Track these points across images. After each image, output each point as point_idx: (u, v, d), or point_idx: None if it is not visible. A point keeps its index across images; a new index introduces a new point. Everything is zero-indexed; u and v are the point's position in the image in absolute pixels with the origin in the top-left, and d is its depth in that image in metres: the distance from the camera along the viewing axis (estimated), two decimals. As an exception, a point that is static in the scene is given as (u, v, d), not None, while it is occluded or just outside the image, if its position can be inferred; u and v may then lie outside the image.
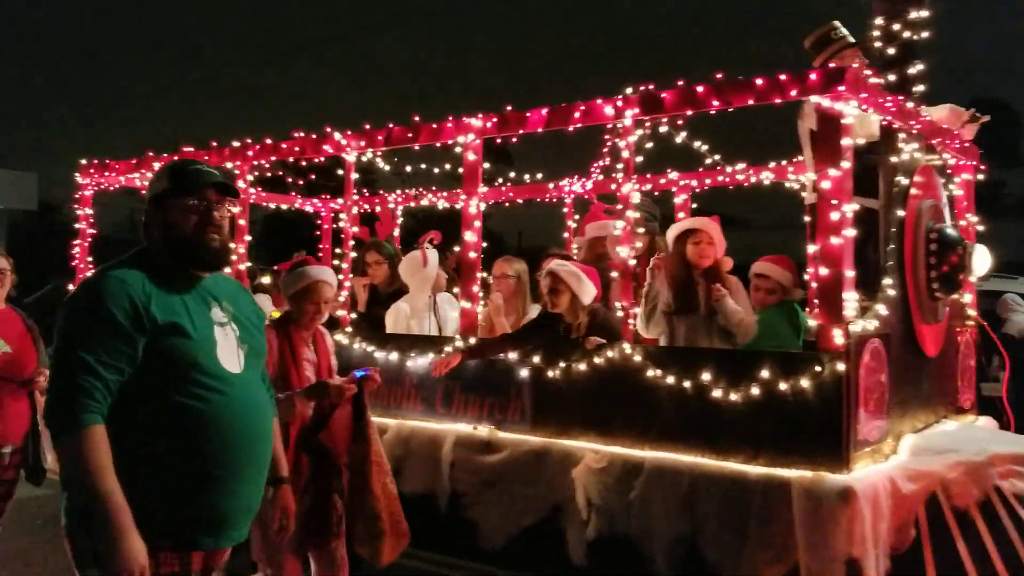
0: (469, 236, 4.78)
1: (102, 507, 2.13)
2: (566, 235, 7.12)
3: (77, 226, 6.66)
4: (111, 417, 2.23)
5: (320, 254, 8.45)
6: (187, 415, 2.30)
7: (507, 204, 7.62)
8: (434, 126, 4.88)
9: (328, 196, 8.85)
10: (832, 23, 5.14)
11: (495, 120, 4.65)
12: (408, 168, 5.89)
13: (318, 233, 8.58)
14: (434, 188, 7.60)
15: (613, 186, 6.45)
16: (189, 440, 2.31)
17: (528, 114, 4.52)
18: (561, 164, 7.04)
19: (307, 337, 4.03)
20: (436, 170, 5.86)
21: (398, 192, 7.62)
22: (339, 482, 3.91)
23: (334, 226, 8.48)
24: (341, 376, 4.07)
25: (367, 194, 8.32)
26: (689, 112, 4.13)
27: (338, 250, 5.62)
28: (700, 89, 3.99)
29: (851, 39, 5.06)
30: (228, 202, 2.50)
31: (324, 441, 3.85)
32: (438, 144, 4.94)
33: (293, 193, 8.36)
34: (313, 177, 6.43)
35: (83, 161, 6.64)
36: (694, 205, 6.51)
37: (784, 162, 6.03)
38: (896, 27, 4.58)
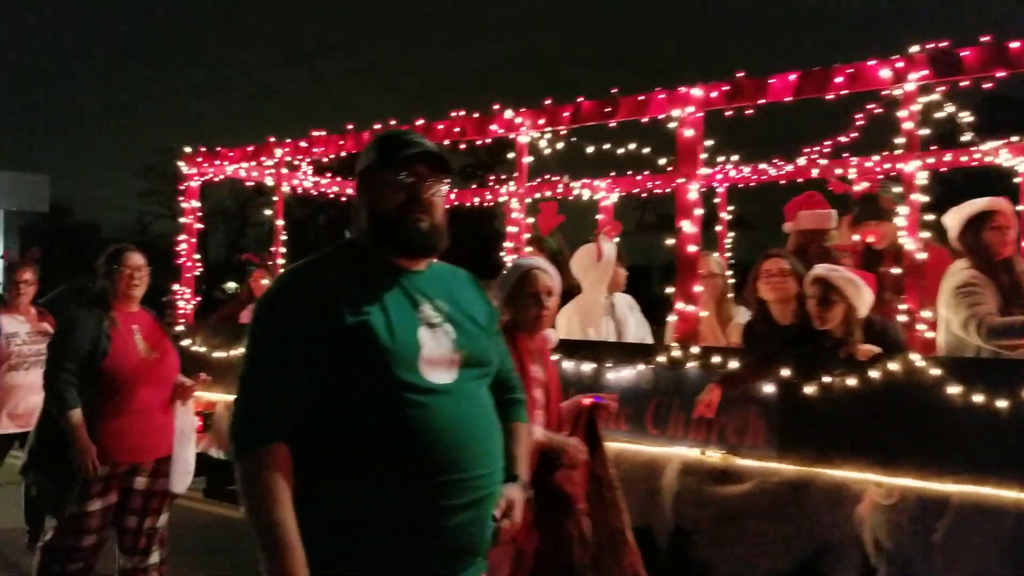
0: (687, 226, 4.07)
1: (268, 542, 1.82)
2: (718, 228, 6.39)
3: (182, 220, 5.97)
4: (294, 438, 1.92)
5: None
6: (376, 433, 1.91)
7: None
8: (640, 98, 4.18)
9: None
10: None
11: (725, 88, 3.94)
12: (590, 149, 5.11)
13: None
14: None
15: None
16: (378, 464, 1.91)
17: (771, 80, 3.82)
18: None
19: (534, 350, 3.33)
20: (620, 151, 5.07)
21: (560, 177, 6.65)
22: (581, 533, 3.22)
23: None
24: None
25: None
26: (1001, 74, 3.41)
27: (509, 244, 4.90)
28: (1017, 45, 3.29)
29: None
30: (441, 179, 2.10)
31: (562, 483, 3.17)
32: (644, 120, 4.23)
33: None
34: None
35: (187, 149, 5.94)
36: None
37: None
38: None
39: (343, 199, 7.51)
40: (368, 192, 2.09)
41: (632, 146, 5.11)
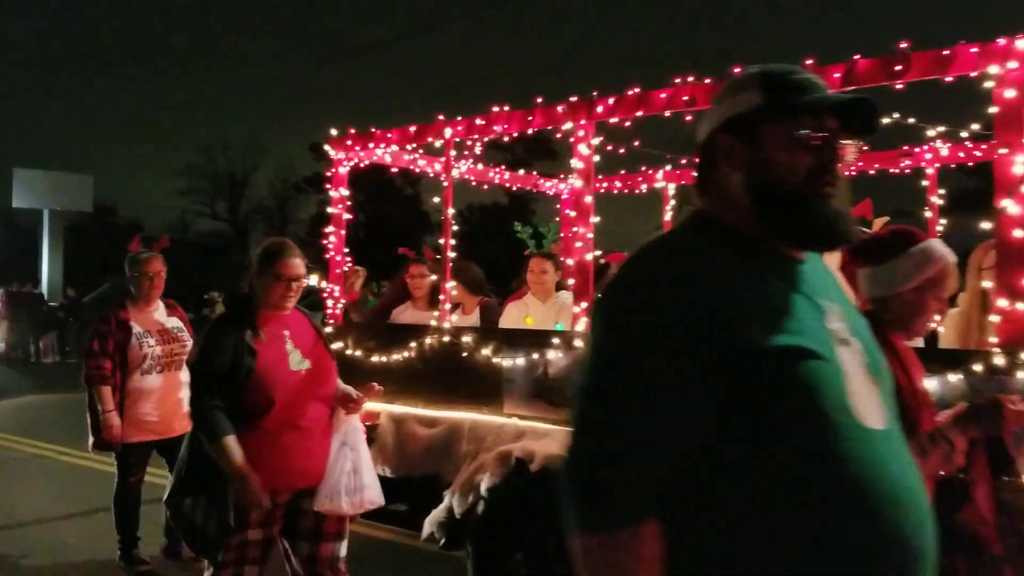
0: (1011, 206, 3.35)
1: None
2: (928, 213, 5.66)
3: (330, 210, 5.35)
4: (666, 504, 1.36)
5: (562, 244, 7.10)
6: (814, 502, 1.32)
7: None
8: (944, 52, 3.46)
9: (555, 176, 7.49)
10: None
11: (1069, 37, 3.22)
12: (885, 120, 4.33)
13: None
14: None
15: None
16: (817, 541, 1.32)
17: None
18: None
19: (902, 349, 2.62)
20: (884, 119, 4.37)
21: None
22: None
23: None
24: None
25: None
26: None
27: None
28: None
29: None
30: (852, 142, 1.51)
31: (971, 523, 2.48)
32: (948, 79, 3.51)
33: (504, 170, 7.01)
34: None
35: (333, 132, 5.31)
36: None
37: None
38: None
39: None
40: (749, 149, 1.48)
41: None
